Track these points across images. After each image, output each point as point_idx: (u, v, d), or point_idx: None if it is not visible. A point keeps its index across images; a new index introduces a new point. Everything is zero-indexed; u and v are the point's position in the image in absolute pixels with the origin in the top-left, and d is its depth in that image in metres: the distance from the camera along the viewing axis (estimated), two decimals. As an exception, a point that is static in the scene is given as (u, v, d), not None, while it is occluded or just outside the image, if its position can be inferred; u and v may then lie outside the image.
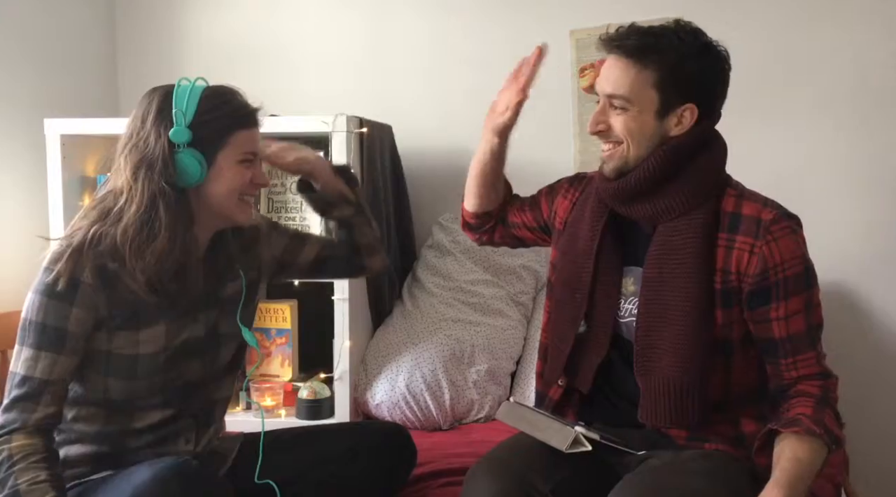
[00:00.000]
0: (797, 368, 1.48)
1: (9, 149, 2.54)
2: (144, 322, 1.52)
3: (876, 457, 2.42)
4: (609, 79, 1.50)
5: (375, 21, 2.80)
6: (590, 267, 1.59)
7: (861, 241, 2.42)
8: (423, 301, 2.49)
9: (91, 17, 2.91)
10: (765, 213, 1.48)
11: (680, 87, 1.47)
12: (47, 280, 1.46)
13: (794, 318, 1.47)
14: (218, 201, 1.55)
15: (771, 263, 1.45)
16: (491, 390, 2.36)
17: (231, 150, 1.53)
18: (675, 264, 1.49)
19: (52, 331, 1.46)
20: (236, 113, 1.53)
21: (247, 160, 1.55)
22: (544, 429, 1.53)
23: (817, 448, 1.40)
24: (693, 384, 1.48)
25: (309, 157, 1.78)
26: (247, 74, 2.83)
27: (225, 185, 1.53)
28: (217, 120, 1.51)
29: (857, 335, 2.41)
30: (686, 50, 1.46)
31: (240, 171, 1.54)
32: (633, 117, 1.48)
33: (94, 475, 1.54)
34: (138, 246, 1.47)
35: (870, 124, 2.42)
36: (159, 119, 1.49)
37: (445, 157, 2.73)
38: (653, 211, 1.52)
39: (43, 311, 1.46)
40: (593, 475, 1.52)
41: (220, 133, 1.51)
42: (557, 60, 2.62)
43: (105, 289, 1.47)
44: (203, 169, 1.50)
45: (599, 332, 1.59)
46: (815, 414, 1.42)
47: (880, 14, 2.39)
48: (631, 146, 1.50)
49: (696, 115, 1.49)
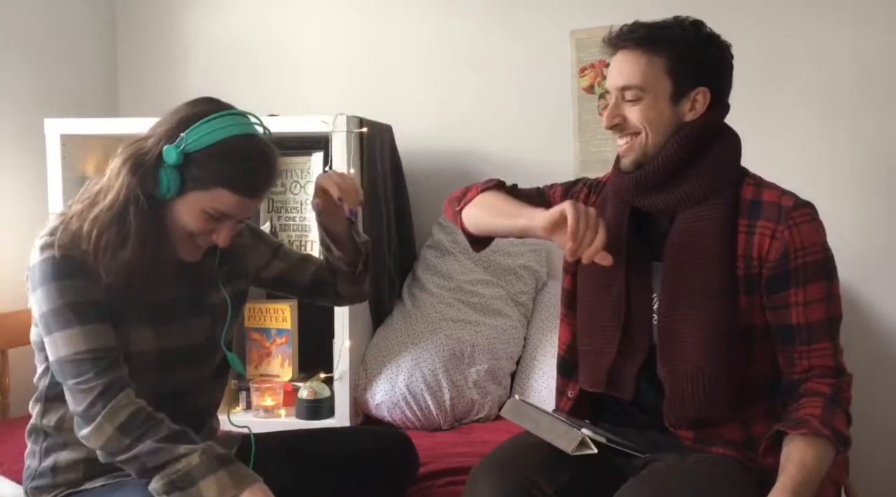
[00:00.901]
0: (810, 357, 1.47)
1: (9, 149, 2.54)
2: (130, 321, 1.49)
3: (876, 456, 2.42)
4: (621, 72, 1.51)
5: (375, 21, 2.80)
6: (622, 258, 1.55)
7: (861, 240, 2.42)
8: (423, 301, 2.49)
9: (91, 17, 2.91)
10: (784, 199, 1.50)
11: (691, 71, 1.49)
12: (52, 266, 1.44)
13: (813, 306, 1.46)
14: (174, 227, 1.51)
15: (792, 248, 1.46)
16: (491, 390, 2.36)
17: (205, 197, 1.47)
18: (698, 251, 1.49)
19: (82, 305, 1.43)
20: (234, 175, 1.47)
21: (215, 217, 1.49)
22: (550, 429, 1.52)
23: (825, 450, 1.39)
24: (721, 371, 1.47)
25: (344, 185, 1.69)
26: (247, 74, 2.85)
27: (181, 219, 1.50)
28: (212, 169, 1.46)
29: (856, 335, 2.40)
30: (692, 38, 1.51)
31: (200, 218, 1.49)
32: (649, 105, 1.50)
33: (87, 483, 1.52)
34: (105, 243, 1.44)
35: (870, 122, 2.41)
36: (168, 131, 1.47)
37: (445, 158, 2.73)
38: (673, 199, 1.51)
39: (67, 292, 1.43)
40: (598, 477, 1.51)
41: (206, 179, 1.46)
42: (557, 60, 2.63)
43: (88, 272, 1.45)
44: (171, 191, 1.46)
45: (637, 333, 1.56)
46: (824, 414, 1.41)
47: (881, 11, 2.39)
48: (650, 134, 1.51)
49: (709, 100, 1.51)
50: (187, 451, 1.39)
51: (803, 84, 2.46)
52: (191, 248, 1.55)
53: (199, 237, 1.53)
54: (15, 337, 2.41)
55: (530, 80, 2.67)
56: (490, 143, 2.70)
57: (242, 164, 1.47)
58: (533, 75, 2.66)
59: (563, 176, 2.60)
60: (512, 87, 2.69)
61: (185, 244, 1.54)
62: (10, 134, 2.53)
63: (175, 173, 1.45)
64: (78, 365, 1.41)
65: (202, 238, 1.53)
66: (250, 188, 1.50)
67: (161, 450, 1.38)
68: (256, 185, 1.51)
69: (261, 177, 1.51)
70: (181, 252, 1.55)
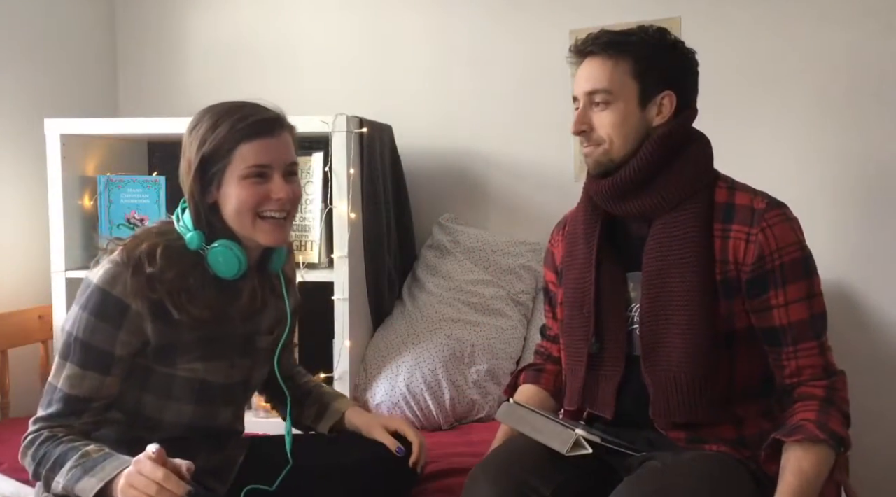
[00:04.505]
0: (798, 357, 1.47)
1: (9, 149, 2.54)
2: (183, 357, 1.52)
3: (876, 456, 2.42)
4: (588, 77, 1.55)
5: (375, 21, 2.80)
6: (591, 279, 1.58)
7: (859, 240, 2.42)
8: (423, 301, 2.49)
9: (91, 17, 2.91)
10: (756, 201, 1.50)
11: (656, 74, 1.53)
12: (97, 300, 1.46)
13: (794, 306, 1.47)
14: (233, 222, 1.51)
15: (767, 251, 1.46)
16: (491, 390, 2.36)
17: (235, 167, 1.48)
18: (676, 256, 1.50)
19: (98, 353, 1.46)
20: (240, 128, 1.47)
21: (252, 175, 1.48)
22: (544, 431, 1.52)
23: (823, 455, 1.39)
24: (703, 377, 1.47)
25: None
26: (247, 74, 2.85)
27: (232, 204, 1.49)
28: (220, 144, 1.47)
29: (855, 335, 2.41)
30: (656, 43, 1.54)
31: (245, 187, 1.48)
32: (617, 110, 1.52)
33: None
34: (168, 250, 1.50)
35: (865, 123, 2.41)
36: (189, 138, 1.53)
37: (445, 157, 2.73)
38: (647, 205, 1.53)
39: (90, 331, 1.46)
40: (594, 477, 1.51)
41: (223, 153, 1.47)
42: (557, 60, 2.62)
43: (152, 319, 1.47)
44: (209, 191, 1.50)
45: (613, 348, 1.57)
46: (818, 418, 1.41)
47: (874, 13, 2.39)
48: (615, 141, 1.53)
49: (675, 104, 1.53)
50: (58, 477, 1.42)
51: (798, 84, 2.45)
52: (263, 228, 1.52)
53: (265, 207, 1.51)
54: (15, 337, 2.41)
55: (530, 80, 2.66)
56: (490, 143, 2.70)
57: (239, 114, 1.48)
58: (533, 75, 2.66)
59: (563, 176, 2.63)
60: (512, 87, 2.68)
61: (256, 230, 1.52)
62: (10, 134, 2.53)
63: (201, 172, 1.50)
64: (49, 395, 1.48)
65: (267, 207, 1.51)
66: (262, 127, 1.49)
67: (47, 480, 1.44)
68: (266, 122, 1.50)
69: (262, 113, 1.51)
70: (261, 238, 1.53)
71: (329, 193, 2.28)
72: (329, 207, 2.29)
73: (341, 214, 2.26)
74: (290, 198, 1.52)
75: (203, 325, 1.51)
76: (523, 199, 2.69)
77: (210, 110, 1.52)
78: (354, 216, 2.28)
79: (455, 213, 2.72)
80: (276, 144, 1.51)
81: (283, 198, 1.50)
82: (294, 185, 1.54)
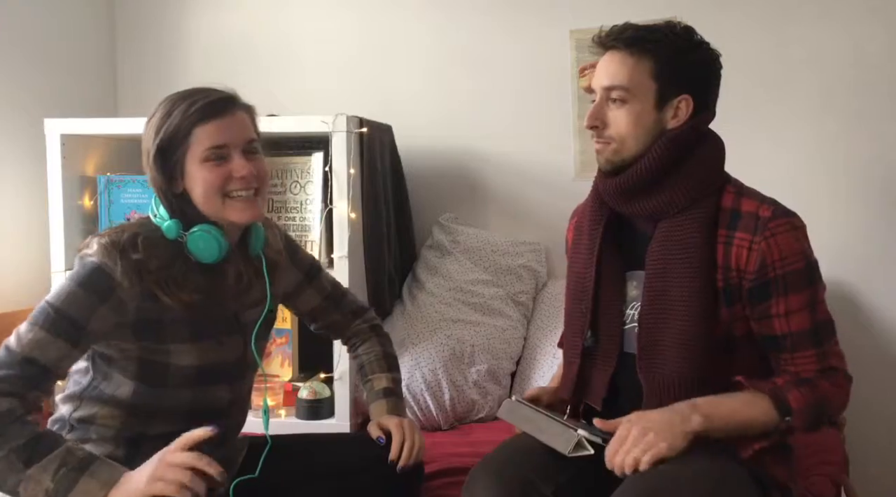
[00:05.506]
0: (794, 364, 1.48)
1: (9, 149, 2.54)
2: (171, 336, 1.52)
3: (876, 456, 2.42)
4: (608, 72, 1.52)
5: (375, 21, 2.80)
6: (592, 275, 1.59)
7: (861, 240, 2.42)
8: (423, 301, 2.49)
9: (91, 17, 2.91)
10: (762, 209, 1.49)
11: (676, 77, 1.50)
12: (89, 272, 1.45)
13: (795, 316, 1.47)
14: (203, 207, 1.53)
15: (769, 260, 1.46)
16: (491, 390, 2.36)
17: (194, 150, 1.49)
18: (679, 260, 1.50)
19: (70, 321, 1.42)
20: (192, 111, 1.48)
21: (212, 158, 1.50)
22: (546, 430, 1.52)
23: (760, 403, 1.44)
24: (698, 381, 1.48)
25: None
26: (246, 74, 2.85)
27: (199, 189, 1.51)
28: (175, 130, 1.49)
29: (856, 335, 2.40)
30: (680, 43, 1.51)
31: (206, 170, 1.50)
32: (633, 109, 1.51)
33: None
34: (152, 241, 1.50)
35: (869, 122, 2.41)
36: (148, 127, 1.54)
37: (445, 157, 2.73)
38: (655, 206, 1.52)
39: (69, 301, 1.43)
40: (595, 476, 1.51)
41: (180, 138, 1.49)
42: (557, 60, 2.63)
43: (140, 300, 1.47)
44: (171, 178, 1.52)
45: (607, 343, 1.59)
46: (779, 383, 1.45)
47: (880, 12, 2.39)
48: (627, 140, 1.52)
49: (692, 108, 1.51)
50: (37, 472, 1.34)
51: (803, 84, 2.46)
52: (234, 207, 1.53)
53: (230, 187, 1.52)
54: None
55: (530, 80, 2.66)
56: (490, 143, 2.70)
57: (190, 100, 1.50)
58: (533, 75, 2.66)
59: (562, 176, 2.63)
60: (512, 87, 2.69)
61: (227, 210, 1.53)
62: (10, 134, 2.53)
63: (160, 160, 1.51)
64: (8, 358, 1.40)
65: (232, 187, 1.52)
66: (214, 108, 1.50)
67: (11, 466, 1.34)
68: (217, 103, 1.51)
69: (213, 94, 1.52)
70: (234, 217, 1.54)
71: (329, 193, 2.28)
72: (329, 207, 2.29)
73: (341, 214, 2.26)
74: (252, 174, 1.53)
75: (193, 307, 1.52)
76: (523, 198, 2.69)
77: (164, 100, 1.54)
78: (354, 216, 2.28)
79: (455, 213, 2.72)
80: (231, 123, 1.52)
81: (245, 175, 1.51)
82: (256, 161, 1.55)
